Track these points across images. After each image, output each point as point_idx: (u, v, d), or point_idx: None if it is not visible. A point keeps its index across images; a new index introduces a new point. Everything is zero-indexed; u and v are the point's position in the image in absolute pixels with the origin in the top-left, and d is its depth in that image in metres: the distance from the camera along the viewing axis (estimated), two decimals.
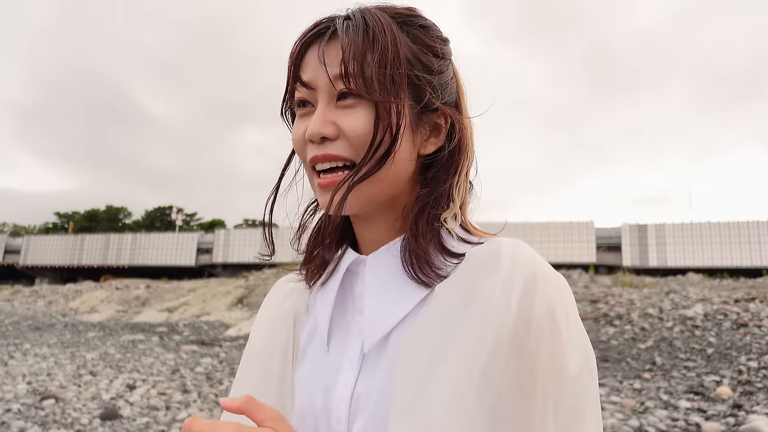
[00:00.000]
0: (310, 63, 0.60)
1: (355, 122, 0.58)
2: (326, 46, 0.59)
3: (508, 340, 0.51)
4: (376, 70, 0.57)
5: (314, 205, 0.71)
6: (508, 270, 0.54)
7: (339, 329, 0.65)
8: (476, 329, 0.52)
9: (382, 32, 0.58)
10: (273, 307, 0.74)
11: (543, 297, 0.52)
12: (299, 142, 0.62)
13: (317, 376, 0.65)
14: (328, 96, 0.59)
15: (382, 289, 0.61)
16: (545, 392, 0.50)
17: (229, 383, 7.25)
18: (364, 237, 0.66)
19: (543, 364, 0.50)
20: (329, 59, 0.58)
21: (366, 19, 0.59)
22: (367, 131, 0.58)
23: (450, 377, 0.52)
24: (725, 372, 6.64)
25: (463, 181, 0.64)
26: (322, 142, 0.60)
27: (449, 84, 0.64)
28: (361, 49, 0.57)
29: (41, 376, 7.74)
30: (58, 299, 23.54)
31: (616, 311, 10.85)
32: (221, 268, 42.02)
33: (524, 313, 0.51)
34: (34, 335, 12.98)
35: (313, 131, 0.59)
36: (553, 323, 0.52)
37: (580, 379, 0.52)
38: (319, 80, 0.59)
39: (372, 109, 0.58)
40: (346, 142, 0.59)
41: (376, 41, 0.57)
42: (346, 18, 0.60)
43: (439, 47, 0.63)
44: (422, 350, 0.55)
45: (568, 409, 0.51)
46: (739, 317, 9.24)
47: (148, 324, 15.30)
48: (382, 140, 0.57)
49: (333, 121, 0.59)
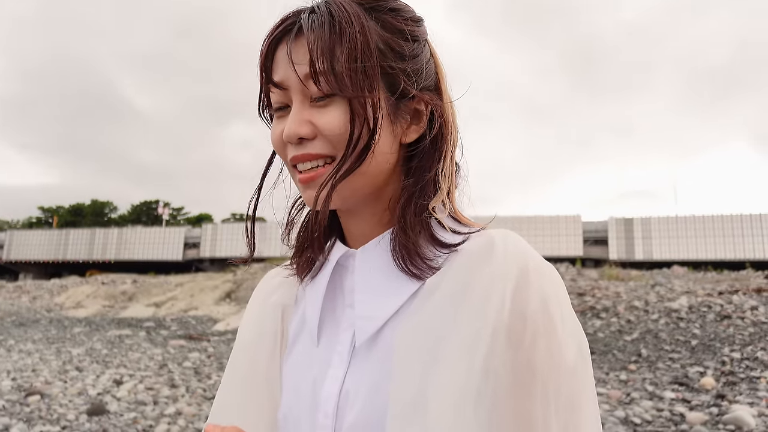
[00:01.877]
0: (280, 62, 0.59)
1: (330, 120, 0.57)
2: (293, 44, 0.57)
3: (504, 334, 0.50)
4: (346, 64, 0.55)
5: (301, 201, 0.70)
6: (502, 263, 0.53)
7: (329, 323, 0.65)
8: (472, 324, 0.52)
9: (349, 23, 0.56)
10: (261, 299, 0.74)
11: (537, 290, 0.52)
12: (278, 143, 0.62)
13: (305, 370, 0.64)
14: (301, 95, 0.58)
15: (372, 283, 0.61)
16: (544, 386, 0.50)
17: (218, 378, 7.22)
18: (352, 230, 0.65)
19: (540, 358, 0.50)
20: (297, 57, 0.57)
21: (331, 11, 0.57)
22: (344, 128, 0.56)
23: (448, 373, 0.52)
24: (709, 363, 6.75)
25: (449, 166, 0.62)
26: (300, 143, 0.59)
27: (425, 67, 0.62)
28: (328, 44, 0.55)
29: (26, 372, 7.65)
30: (42, 294, 23.27)
31: (602, 304, 10.97)
32: (209, 263, 41.80)
33: (519, 307, 0.51)
34: (19, 331, 12.82)
35: (290, 133, 0.58)
36: (548, 316, 0.51)
37: (576, 371, 0.52)
38: (291, 80, 0.58)
39: (346, 104, 0.56)
40: (324, 139, 0.58)
41: (343, 34, 0.55)
42: (311, 11, 0.58)
43: (411, 29, 0.60)
44: (418, 346, 0.55)
45: (566, 401, 0.51)
46: (722, 309, 9.39)
47: (135, 319, 15.19)
48: (360, 135, 0.56)
49: (309, 120, 0.58)
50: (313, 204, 0.58)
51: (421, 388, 0.53)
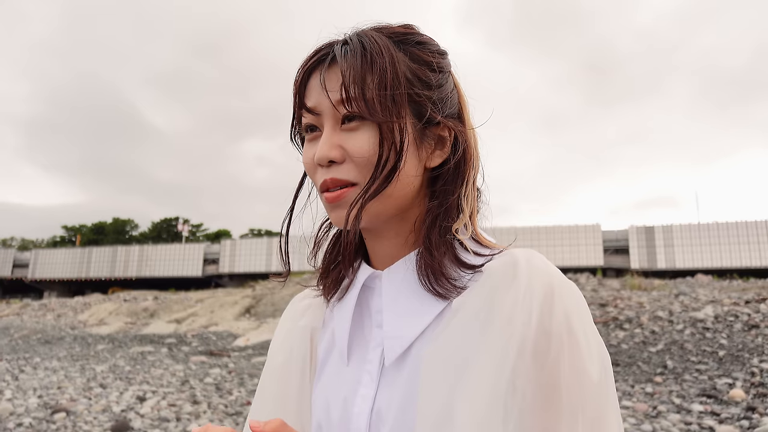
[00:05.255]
0: (313, 89, 0.62)
1: (360, 143, 0.60)
2: (327, 72, 0.61)
3: (530, 352, 0.52)
4: (377, 91, 0.58)
5: (328, 222, 0.72)
6: (526, 283, 0.55)
7: (357, 343, 0.66)
8: (498, 343, 0.53)
9: (379, 54, 0.59)
10: (290, 323, 0.76)
11: (561, 308, 0.53)
12: (309, 166, 0.65)
13: (336, 389, 0.66)
14: (332, 120, 0.61)
15: (399, 303, 0.62)
16: (570, 403, 0.51)
17: (239, 393, 7.25)
18: (377, 251, 0.67)
19: (565, 376, 0.51)
20: (330, 84, 0.60)
21: (363, 43, 0.60)
22: (372, 151, 0.59)
23: (475, 390, 0.53)
24: (738, 374, 6.58)
25: (471, 190, 0.65)
26: (329, 165, 0.62)
27: (450, 96, 0.65)
28: (360, 72, 0.59)
29: (52, 389, 7.77)
30: (66, 312, 23.65)
31: (625, 315, 10.79)
32: (228, 278, 42.12)
33: (544, 325, 0.52)
34: (44, 349, 13.04)
35: (321, 155, 0.61)
36: (572, 334, 0.53)
37: (600, 386, 0.53)
38: (323, 105, 0.61)
39: (375, 129, 0.59)
40: (352, 164, 0.61)
41: (374, 64, 0.59)
42: (344, 43, 0.62)
43: (437, 62, 0.64)
44: (445, 364, 0.56)
45: (592, 416, 0.52)
46: (750, 318, 9.16)
47: (156, 335, 15.34)
48: (388, 158, 0.59)
49: (339, 145, 0.61)
50: (343, 222, 0.61)
51: (447, 404, 0.54)
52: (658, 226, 36.64)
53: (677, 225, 36.36)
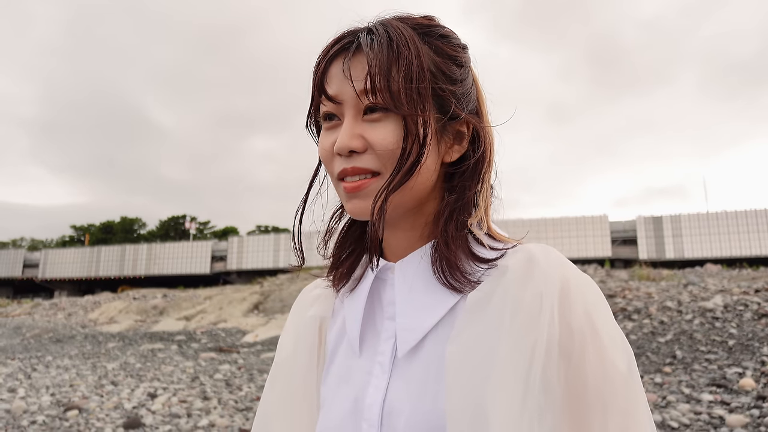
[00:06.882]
0: (335, 77, 0.61)
1: (384, 135, 0.59)
2: (351, 61, 0.60)
3: (557, 348, 0.52)
4: (402, 84, 0.57)
5: (339, 212, 0.72)
6: (544, 278, 0.55)
7: (369, 334, 0.66)
8: (524, 342, 0.53)
9: (405, 46, 0.58)
10: (299, 314, 0.76)
11: (580, 302, 0.53)
12: (327, 155, 0.63)
13: (347, 380, 0.66)
14: (354, 110, 0.60)
15: (412, 295, 0.62)
16: (600, 397, 0.51)
17: (249, 389, 7.30)
18: (391, 243, 0.67)
19: (593, 370, 0.52)
20: (355, 73, 0.59)
21: (389, 33, 0.59)
22: (396, 144, 0.59)
23: (506, 391, 0.53)
24: (748, 363, 6.55)
25: (487, 186, 0.65)
26: (349, 155, 0.61)
27: (470, 92, 0.64)
28: (386, 63, 0.58)
29: (64, 387, 7.85)
30: (77, 311, 23.84)
31: (634, 305, 10.75)
32: (236, 275, 42.29)
33: (565, 321, 0.53)
34: (56, 347, 13.16)
35: (342, 145, 0.60)
36: (594, 328, 0.53)
37: (628, 378, 0.53)
38: (346, 94, 0.60)
39: (398, 121, 0.59)
40: (373, 154, 0.60)
41: (401, 55, 0.58)
42: (368, 32, 0.60)
43: (460, 56, 0.63)
44: (471, 363, 0.56)
45: (622, 409, 0.52)
46: (760, 307, 9.10)
47: (166, 333, 15.44)
48: (411, 151, 0.58)
49: (360, 135, 0.60)
50: (364, 213, 0.60)
51: (479, 404, 0.54)
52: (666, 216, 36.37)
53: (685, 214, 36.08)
